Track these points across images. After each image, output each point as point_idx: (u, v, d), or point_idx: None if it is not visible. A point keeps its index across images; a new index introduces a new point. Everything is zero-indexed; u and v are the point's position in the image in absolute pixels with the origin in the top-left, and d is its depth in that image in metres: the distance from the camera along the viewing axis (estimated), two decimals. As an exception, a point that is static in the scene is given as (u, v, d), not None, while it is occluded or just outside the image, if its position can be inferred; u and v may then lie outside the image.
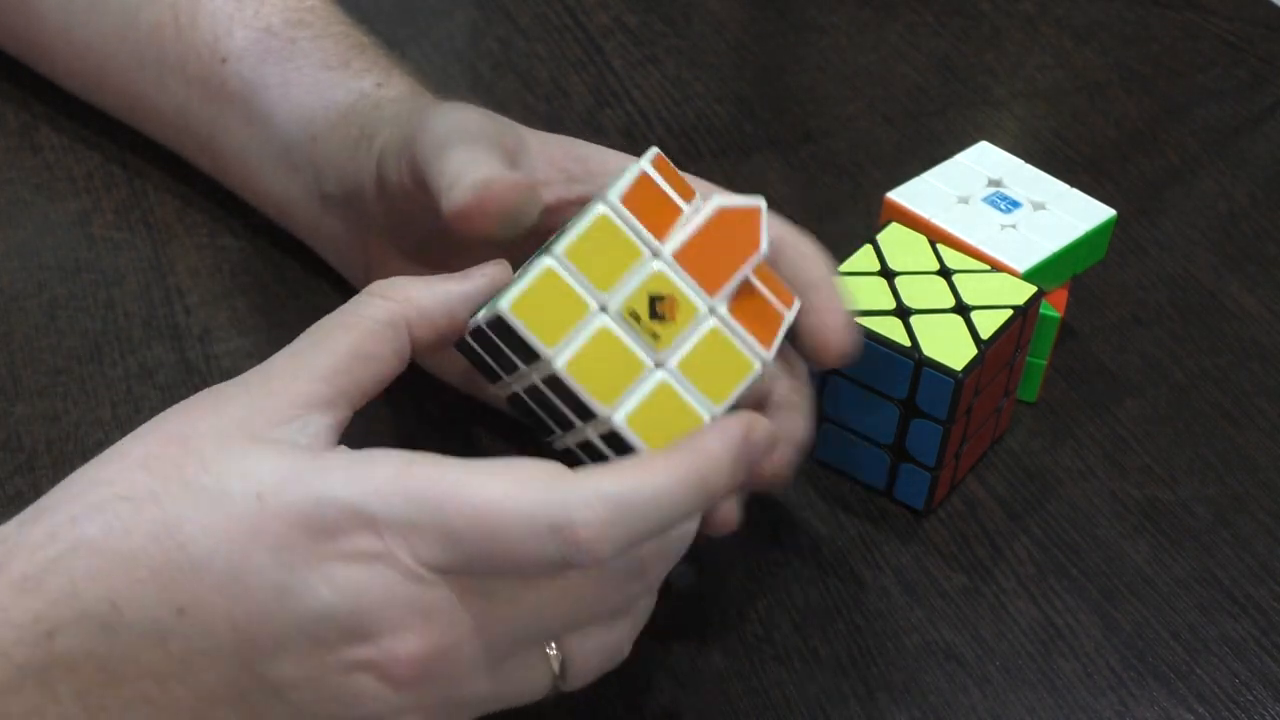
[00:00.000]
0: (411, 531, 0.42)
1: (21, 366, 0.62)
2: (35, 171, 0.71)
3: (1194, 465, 0.63)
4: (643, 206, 0.47)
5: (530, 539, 0.41)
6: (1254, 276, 0.73)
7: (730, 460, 0.43)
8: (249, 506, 0.41)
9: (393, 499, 0.42)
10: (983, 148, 0.68)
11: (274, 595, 0.41)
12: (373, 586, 0.41)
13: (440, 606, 0.42)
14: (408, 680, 0.42)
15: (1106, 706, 0.54)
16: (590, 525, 0.41)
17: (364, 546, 0.41)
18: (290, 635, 0.41)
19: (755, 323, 0.48)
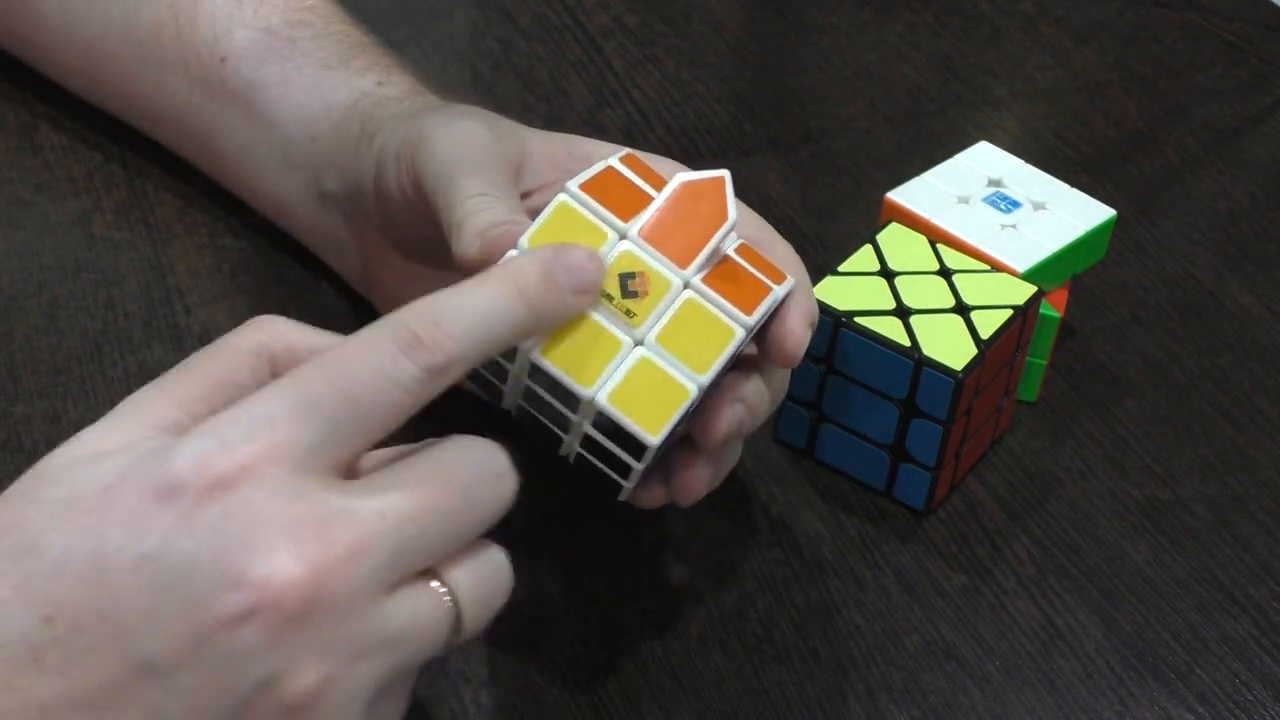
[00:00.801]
0: (264, 428, 0.40)
1: (21, 366, 0.62)
2: (35, 171, 0.71)
3: (1194, 465, 0.63)
4: (607, 194, 0.47)
5: (378, 359, 0.41)
6: (1254, 276, 0.73)
7: (538, 265, 0.45)
8: (98, 500, 0.40)
9: (237, 415, 0.40)
10: (983, 148, 0.68)
11: (135, 568, 0.39)
12: (234, 519, 0.39)
13: (312, 521, 0.40)
14: (292, 614, 0.39)
15: (1106, 706, 0.54)
16: (422, 319, 0.42)
17: (218, 473, 0.39)
18: (160, 605, 0.39)
19: (735, 291, 0.48)
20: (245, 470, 0.40)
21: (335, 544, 0.40)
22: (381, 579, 0.41)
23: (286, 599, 0.39)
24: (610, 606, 0.55)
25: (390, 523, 0.41)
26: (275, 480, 0.40)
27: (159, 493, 0.40)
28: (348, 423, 0.41)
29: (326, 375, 0.41)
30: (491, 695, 0.52)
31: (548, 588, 0.56)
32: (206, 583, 0.39)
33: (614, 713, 0.52)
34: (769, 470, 0.61)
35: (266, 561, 0.39)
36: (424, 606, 0.42)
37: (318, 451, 0.41)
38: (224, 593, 0.39)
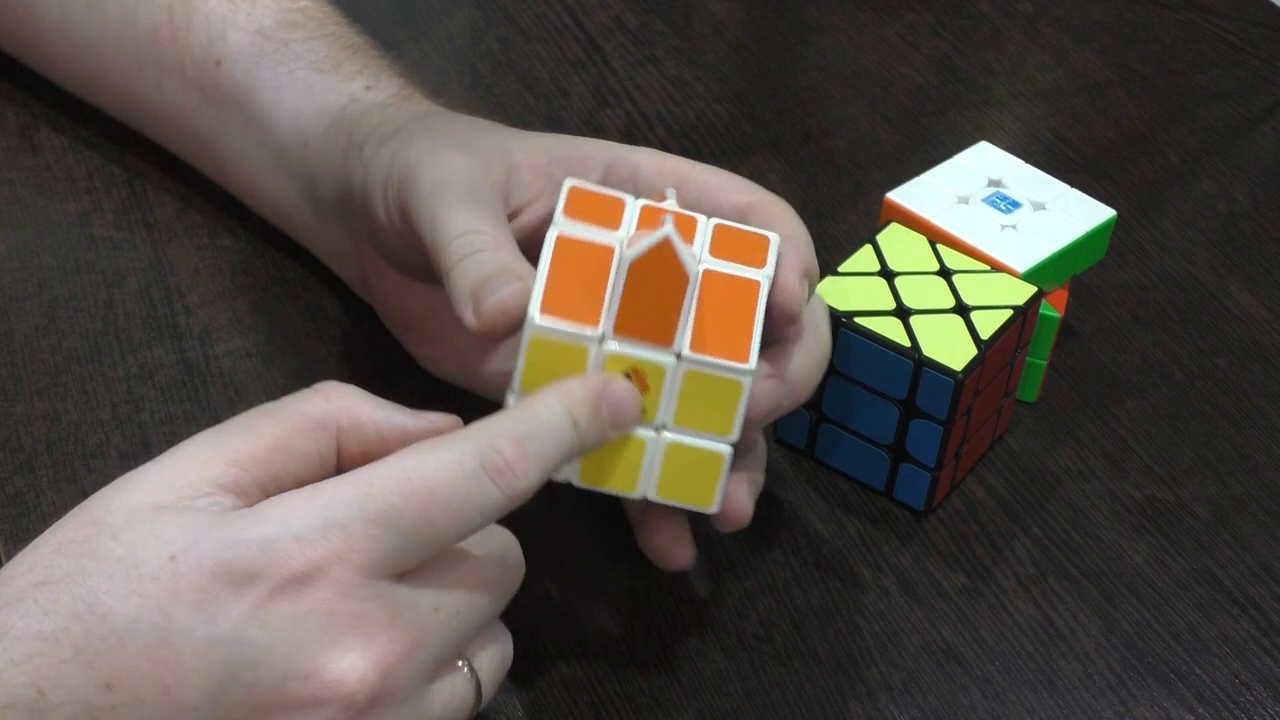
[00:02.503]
0: (339, 533, 0.41)
1: (21, 366, 0.62)
2: (35, 171, 0.71)
3: (1194, 465, 0.63)
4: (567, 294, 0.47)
5: (466, 485, 0.42)
6: (1254, 276, 0.73)
7: (590, 402, 0.46)
8: (164, 568, 0.40)
9: (310, 511, 0.41)
10: (983, 148, 0.68)
11: (204, 651, 0.40)
12: (306, 615, 0.40)
13: (379, 621, 0.41)
14: (361, 708, 0.41)
15: (1106, 706, 0.54)
16: (511, 444, 0.43)
17: (292, 571, 0.40)
18: (229, 689, 0.40)
19: (726, 336, 0.47)
20: (317, 570, 0.41)
21: (398, 643, 0.42)
22: (430, 670, 0.43)
23: (357, 694, 0.41)
24: (610, 606, 0.55)
25: (442, 618, 0.43)
26: (345, 583, 0.41)
27: (231, 578, 0.40)
28: (420, 541, 0.42)
29: (409, 491, 0.42)
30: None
31: (548, 587, 0.56)
32: (277, 672, 0.40)
33: (614, 713, 0.52)
34: (769, 470, 0.61)
35: (338, 659, 0.41)
36: (459, 688, 0.45)
37: (386, 561, 0.42)
38: (294, 683, 0.40)
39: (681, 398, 0.48)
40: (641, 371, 0.47)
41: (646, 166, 0.54)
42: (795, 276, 0.50)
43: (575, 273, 0.47)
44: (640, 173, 0.54)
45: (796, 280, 0.50)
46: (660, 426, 0.48)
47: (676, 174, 0.54)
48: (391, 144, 0.56)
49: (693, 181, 0.54)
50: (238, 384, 0.61)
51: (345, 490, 0.42)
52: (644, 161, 0.54)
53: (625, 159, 0.55)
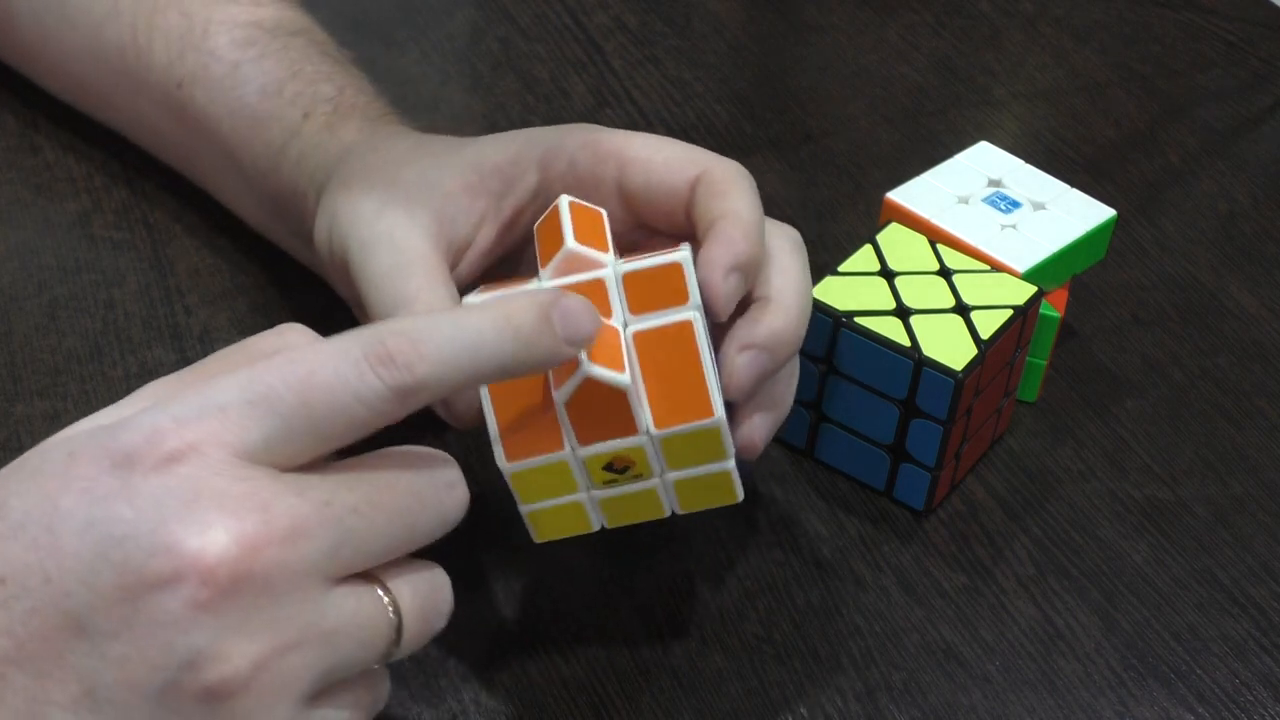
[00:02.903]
0: (215, 413, 0.40)
1: (21, 366, 0.62)
2: (35, 171, 0.71)
3: (1194, 465, 0.63)
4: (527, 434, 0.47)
5: (345, 368, 0.41)
6: (1254, 276, 0.73)
7: (535, 307, 0.43)
8: (62, 463, 0.41)
9: (195, 395, 0.41)
10: (983, 148, 0.68)
11: (80, 533, 0.40)
12: (175, 492, 0.40)
13: (250, 498, 0.40)
14: (221, 588, 0.39)
15: (1106, 706, 0.54)
16: (399, 337, 0.41)
17: (166, 449, 0.40)
18: (98, 571, 0.39)
19: (684, 403, 0.47)
20: (191, 447, 0.40)
21: (273, 525, 0.40)
22: (321, 567, 0.41)
23: (217, 571, 0.39)
24: (610, 606, 0.55)
25: (334, 511, 0.41)
26: (219, 461, 0.40)
27: (114, 461, 0.40)
28: (300, 427, 0.41)
29: (289, 374, 0.41)
30: (491, 695, 0.52)
31: (547, 587, 0.56)
32: (141, 549, 0.39)
33: (614, 713, 0.52)
34: (769, 470, 0.61)
35: (200, 533, 0.39)
36: (365, 607, 0.42)
37: (265, 446, 0.41)
38: (155, 558, 0.39)
39: (667, 455, 0.48)
40: (622, 456, 0.48)
41: (581, 155, 0.53)
42: (720, 274, 0.48)
43: (519, 405, 0.47)
44: (577, 164, 0.53)
45: (721, 277, 0.48)
46: (660, 473, 0.49)
47: (615, 157, 0.52)
48: (325, 203, 0.56)
49: (634, 163, 0.52)
50: (238, 384, 0.61)
51: (235, 376, 0.41)
52: (578, 150, 0.53)
53: (558, 151, 0.53)
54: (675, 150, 0.53)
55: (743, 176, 0.52)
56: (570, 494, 0.48)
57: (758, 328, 0.50)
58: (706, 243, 0.49)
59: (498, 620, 0.55)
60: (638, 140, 0.53)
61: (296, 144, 0.60)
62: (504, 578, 0.56)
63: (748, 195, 0.51)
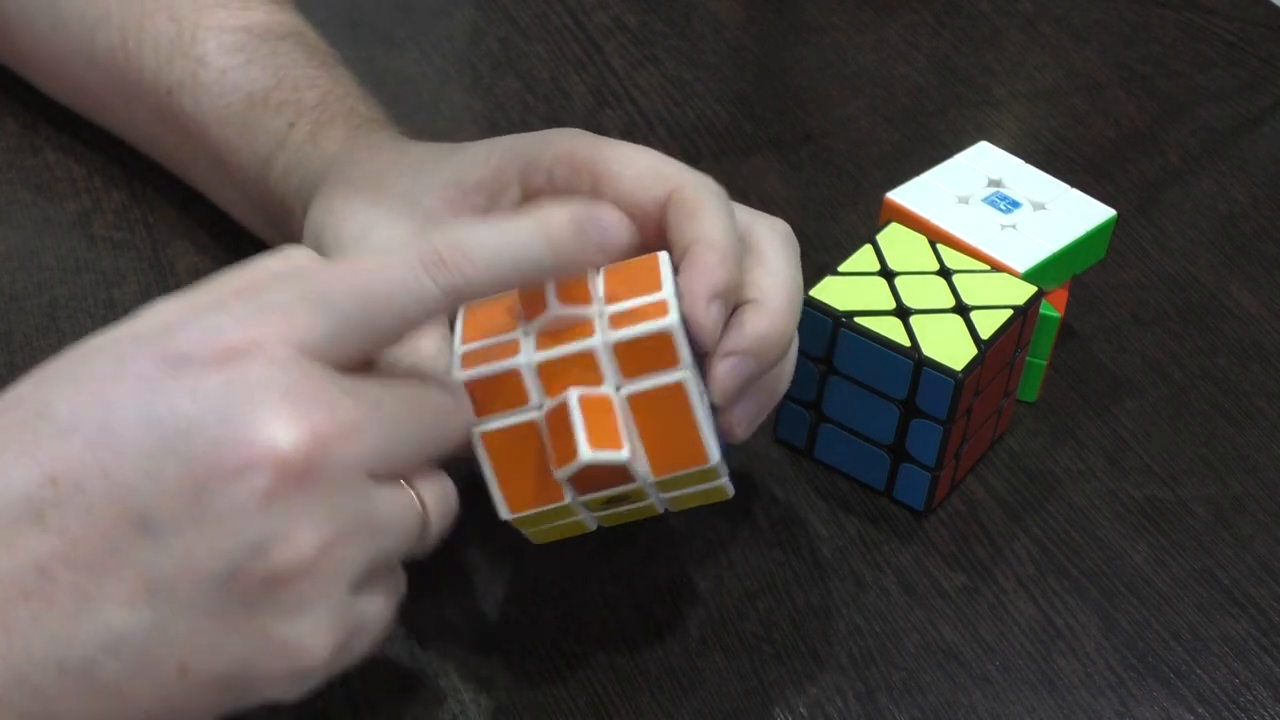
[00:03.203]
0: (277, 311, 0.41)
1: (21, 366, 0.61)
2: (35, 171, 0.71)
3: (1194, 465, 0.63)
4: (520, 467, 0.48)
5: (401, 271, 0.43)
6: (1254, 276, 0.73)
7: (570, 217, 0.46)
8: (111, 367, 0.41)
9: (250, 298, 0.42)
10: (983, 148, 0.68)
11: (140, 429, 0.40)
12: (239, 384, 0.40)
13: (317, 393, 0.41)
14: (292, 476, 0.40)
15: (1106, 706, 0.54)
16: (450, 244, 0.44)
17: (227, 345, 0.41)
18: (161, 464, 0.40)
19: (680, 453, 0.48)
20: (254, 344, 0.41)
21: (336, 419, 0.41)
22: (371, 463, 0.43)
23: (288, 461, 0.40)
24: (610, 606, 0.55)
25: (384, 414, 0.43)
26: (282, 357, 0.41)
27: (170, 361, 0.41)
28: (359, 324, 0.43)
29: (347, 276, 0.43)
30: (491, 695, 0.52)
31: (547, 587, 0.56)
32: (209, 441, 0.40)
33: (614, 713, 0.52)
34: (769, 470, 0.61)
35: (269, 424, 0.40)
36: (402, 502, 0.44)
37: (325, 343, 0.42)
38: (225, 450, 0.40)
39: (663, 487, 0.49)
40: (624, 495, 0.48)
41: (559, 170, 0.53)
42: (701, 306, 0.48)
43: (517, 458, 0.47)
44: (555, 177, 0.53)
45: (704, 308, 0.48)
46: (656, 495, 0.49)
47: (589, 171, 0.52)
48: (311, 218, 0.56)
49: (605, 177, 0.52)
50: (238, 384, 0.61)
51: (289, 280, 0.43)
52: (555, 164, 0.53)
53: (536, 165, 0.53)
54: (647, 164, 0.52)
55: (713, 193, 0.51)
56: (569, 519, 0.49)
57: (742, 333, 0.49)
58: (683, 271, 0.49)
59: (498, 620, 0.55)
60: (612, 152, 0.53)
61: (282, 156, 0.60)
62: (504, 577, 0.56)
63: (719, 214, 0.51)
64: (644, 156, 0.53)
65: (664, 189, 0.52)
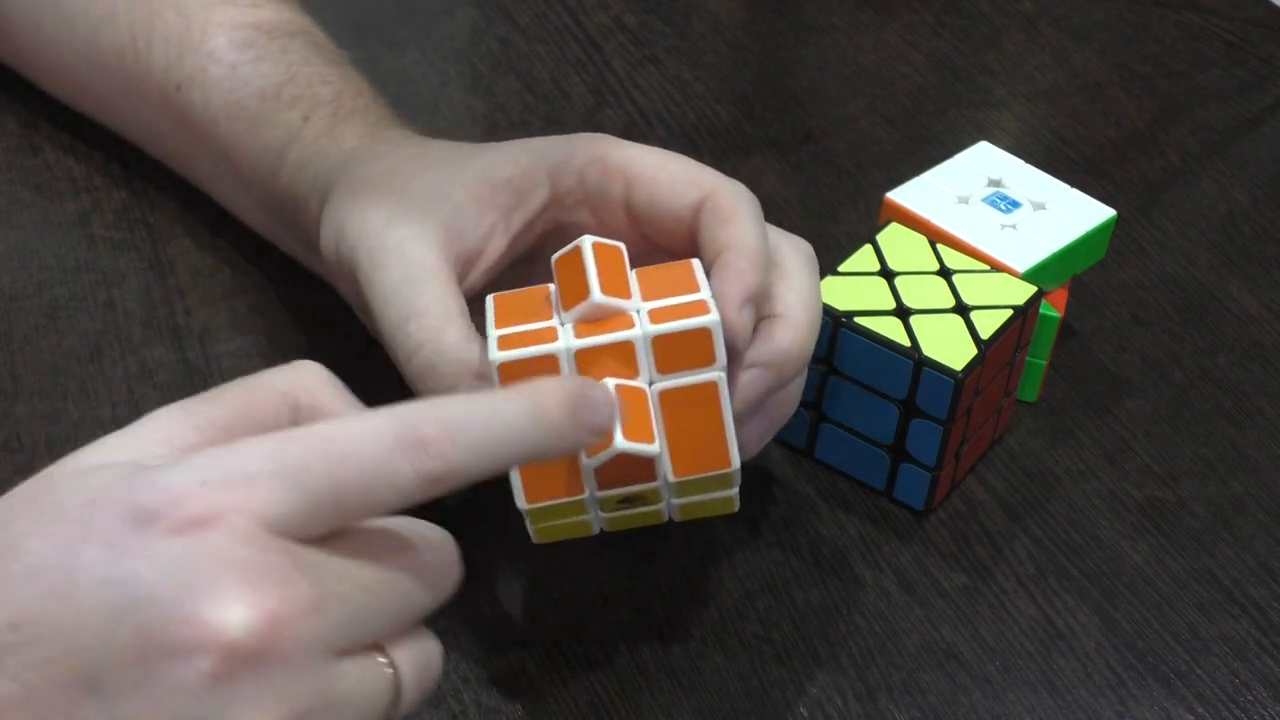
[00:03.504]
0: (244, 482, 0.40)
1: (21, 366, 0.62)
2: (35, 171, 0.71)
3: (1194, 465, 0.63)
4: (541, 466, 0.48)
5: (378, 452, 0.41)
6: (1254, 276, 0.73)
7: (566, 400, 0.43)
8: (81, 511, 0.40)
9: (221, 458, 0.41)
10: (983, 148, 0.68)
11: (100, 589, 0.39)
12: (198, 559, 0.39)
13: (274, 573, 0.40)
14: (242, 659, 0.39)
15: (1106, 706, 0.54)
16: (434, 424, 0.41)
17: (191, 513, 0.39)
18: (114, 630, 0.39)
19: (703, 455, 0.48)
20: (216, 515, 0.40)
21: (293, 600, 0.40)
22: (333, 642, 0.41)
23: (237, 645, 0.39)
24: (610, 606, 0.55)
25: (348, 588, 0.41)
26: (244, 530, 0.40)
27: (135, 516, 0.40)
28: (327, 504, 0.41)
29: (322, 451, 0.41)
30: (491, 695, 0.52)
31: (547, 588, 0.56)
32: (161, 614, 0.39)
33: (614, 713, 0.52)
34: (769, 470, 0.61)
35: (224, 604, 0.39)
36: (369, 677, 0.42)
37: (290, 519, 0.40)
38: (175, 626, 0.39)
39: (679, 492, 0.49)
40: (639, 496, 0.48)
41: (590, 172, 0.53)
42: (734, 309, 0.48)
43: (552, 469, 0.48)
44: (586, 179, 0.53)
45: (735, 312, 0.48)
46: (668, 500, 0.49)
47: (622, 174, 0.53)
48: (330, 211, 0.55)
49: (639, 181, 0.53)
50: (238, 384, 0.61)
51: (264, 444, 0.41)
52: (586, 166, 0.53)
53: (567, 166, 0.53)
54: (680, 170, 0.53)
55: (748, 200, 0.52)
56: (579, 516, 0.49)
57: (766, 346, 0.50)
58: (715, 275, 0.50)
59: (498, 621, 0.55)
60: (644, 157, 0.53)
61: (296, 149, 0.60)
62: (504, 578, 0.56)
63: (752, 221, 0.51)
64: (676, 162, 0.53)
65: (697, 195, 0.52)
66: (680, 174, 0.53)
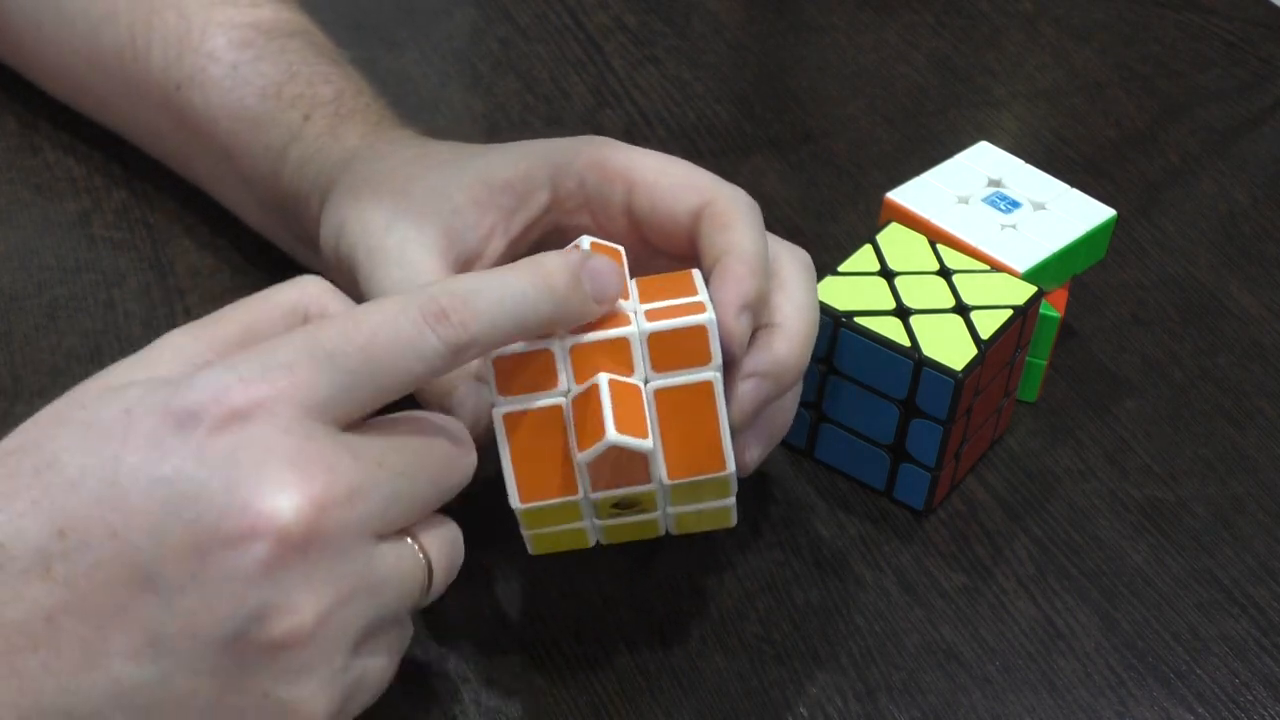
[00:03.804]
0: (282, 370, 0.42)
1: (21, 366, 0.62)
2: (35, 171, 0.71)
3: (1194, 465, 0.63)
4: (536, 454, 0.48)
5: (404, 326, 0.43)
6: (1254, 276, 0.73)
7: (568, 269, 0.46)
8: (118, 421, 0.41)
9: (257, 354, 0.42)
10: (983, 148, 0.68)
11: (148, 490, 0.40)
12: (244, 449, 0.41)
13: (317, 459, 0.41)
14: (293, 545, 0.41)
15: (1106, 706, 0.54)
16: (452, 297, 0.44)
17: (232, 408, 0.41)
18: (167, 526, 0.40)
19: (698, 456, 0.48)
20: (258, 405, 0.41)
21: (338, 485, 0.42)
22: (373, 524, 0.43)
23: (290, 531, 0.41)
24: (610, 606, 0.55)
25: (386, 472, 0.43)
26: (286, 419, 0.41)
27: (177, 419, 0.41)
28: (363, 381, 0.43)
29: (350, 332, 0.43)
30: (491, 695, 0.52)
31: (547, 588, 0.56)
32: (214, 507, 0.40)
33: (614, 713, 0.52)
34: (769, 470, 0.61)
35: (273, 492, 0.41)
36: (405, 560, 0.44)
37: (329, 402, 0.42)
38: (229, 517, 0.40)
39: (675, 497, 0.49)
40: (633, 496, 0.48)
41: (590, 175, 0.53)
42: (731, 315, 0.49)
43: (536, 444, 0.48)
44: (586, 183, 0.53)
45: (733, 318, 0.49)
46: (664, 508, 0.49)
47: (622, 178, 0.53)
48: (331, 210, 0.56)
49: (639, 186, 0.53)
50: (238, 384, 0.61)
51: (294, 336, 0.43)
52: (586, 170, 0.53)
53: (567, 169, 0.54)
54: (681, 174, 0.53)
55: (747, 206, 0.52)
56: (574, 522, 0.49)
57: (764, 355, 0.50)
58: (714, 281, 0.50)
59: (498, 620, 0.55)
60: (644, 161, 0.53)
61: (297, 148, 0.60)
62: (504, 578, 0.56)
63: (752, 227, 0.51)
64: (677, 167, 0.53)
65: (697, 200, 0.52)
66: (681, 179, 0.53)
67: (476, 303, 0.44)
